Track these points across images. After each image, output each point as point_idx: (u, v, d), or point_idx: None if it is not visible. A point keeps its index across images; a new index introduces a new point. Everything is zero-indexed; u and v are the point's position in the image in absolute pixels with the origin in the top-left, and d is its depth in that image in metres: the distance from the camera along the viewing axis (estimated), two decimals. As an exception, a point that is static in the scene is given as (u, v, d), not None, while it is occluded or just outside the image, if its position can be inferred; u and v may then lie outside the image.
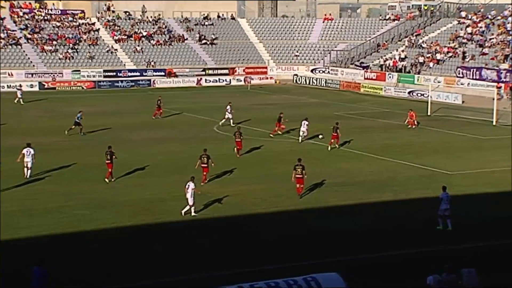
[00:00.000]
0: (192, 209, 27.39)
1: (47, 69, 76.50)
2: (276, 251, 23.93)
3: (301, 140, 43.03)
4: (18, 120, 51.85)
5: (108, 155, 32.84)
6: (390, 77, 74.60)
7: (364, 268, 22.23)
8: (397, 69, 75.55)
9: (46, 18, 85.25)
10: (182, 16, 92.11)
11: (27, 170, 33.15)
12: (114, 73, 78.07)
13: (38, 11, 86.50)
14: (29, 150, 33.33)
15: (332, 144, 41.12)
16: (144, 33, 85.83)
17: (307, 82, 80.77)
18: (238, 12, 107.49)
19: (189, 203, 27.24)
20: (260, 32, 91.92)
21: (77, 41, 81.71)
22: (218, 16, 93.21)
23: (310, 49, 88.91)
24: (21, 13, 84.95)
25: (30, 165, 33.16)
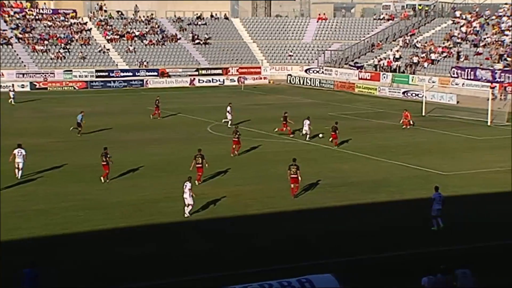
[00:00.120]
0: (187, 210, 27.18)
1: (39, 69, 76.01)
2: (270, 252, 23.71)
3: (307, 138, 43.27)
4: (10, 121, 51.47)
5: (103, 156, 32.64)
6: (384, 77, 74.46)
7: (358, 269, 22.08)
8: (392, 69, 75.42)
9: (37, 17, 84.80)
10: (175, 16, 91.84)
11: (18, 171, 32.98)
12: (107, 73, 77.68)
13: (29, 10, 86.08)
14: (20, 150, 33.14)
15: (332, 142, 41.39)
16: (137, 33, 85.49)
17: (301, 82, 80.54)
18: (232, 12, 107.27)
19: (189, 202, 27.08)
20: (253, 32, 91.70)
21: (69, 41, 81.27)
22: (212, 16, 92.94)
23: (304, 49, 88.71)
24: (12, 13, 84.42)
25: (21, 166, 32.99)
